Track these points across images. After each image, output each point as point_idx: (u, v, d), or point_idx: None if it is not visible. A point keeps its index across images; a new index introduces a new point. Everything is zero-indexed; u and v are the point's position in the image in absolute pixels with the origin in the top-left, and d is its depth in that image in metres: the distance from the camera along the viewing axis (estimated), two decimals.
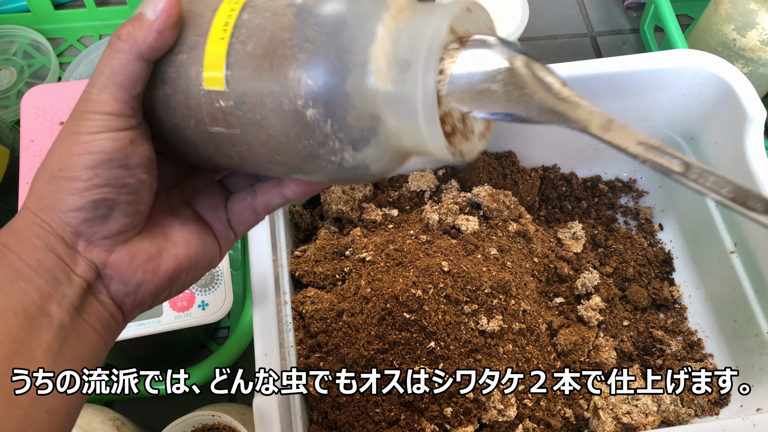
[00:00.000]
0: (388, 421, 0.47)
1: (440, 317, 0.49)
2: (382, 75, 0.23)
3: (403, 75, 0.23)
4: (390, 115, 0.24)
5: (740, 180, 0.58)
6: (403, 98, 0.23)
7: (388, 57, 0.23)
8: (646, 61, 0.57)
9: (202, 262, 0.30)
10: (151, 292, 0.28)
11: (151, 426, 0.56)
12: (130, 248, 0.27)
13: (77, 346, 0.26)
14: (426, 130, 0.23)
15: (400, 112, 0.23)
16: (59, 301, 0.25)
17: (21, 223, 0.26)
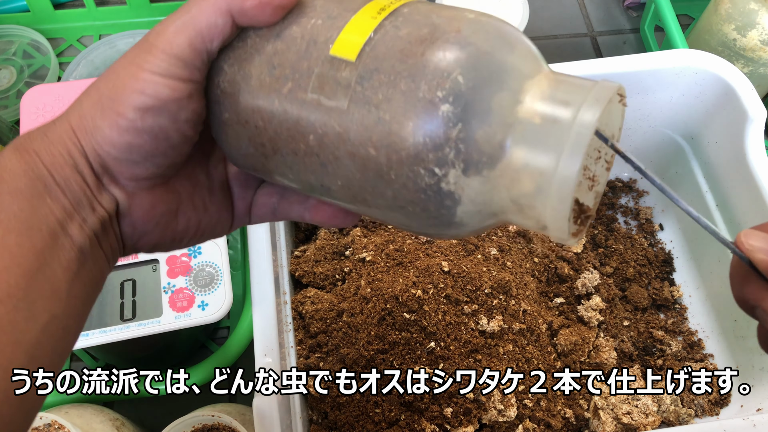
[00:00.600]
0: (388, 422, 0.47)
1: (440, 317, 0.49)
2: (529, 108, 0.23)
3: (557, 111, 0.22)
4: (520, 150, 0.22)
5: (740, 180, 0.58)
6: (551, 131, 0.22)
7: (544, 95, 0.23)
8: (647, 61, 0.57)
9: (209, 233, 0.30)
10: (152, 243, 0.28)
11: (151, 426, 0.56)
12: (152, 197, 0.27)
13: (92, 270, 0.26)
14: (563, 169, 0.21)
15: (539, 147, 0.22)
16: (80, 224, 0.25)
17: (56, 134, 0.25)
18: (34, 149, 0.25)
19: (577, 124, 0.22)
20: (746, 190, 0.54)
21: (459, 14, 0.24)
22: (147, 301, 0.49)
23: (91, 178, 0.25)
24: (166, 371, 0.41)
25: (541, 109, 0.23)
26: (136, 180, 0.26)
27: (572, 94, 0.22)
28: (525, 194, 0.23)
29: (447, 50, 0.23)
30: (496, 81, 0.23)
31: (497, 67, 0.23)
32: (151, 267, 0.51)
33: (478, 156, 0.23)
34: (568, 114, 0.22)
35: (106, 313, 0.49)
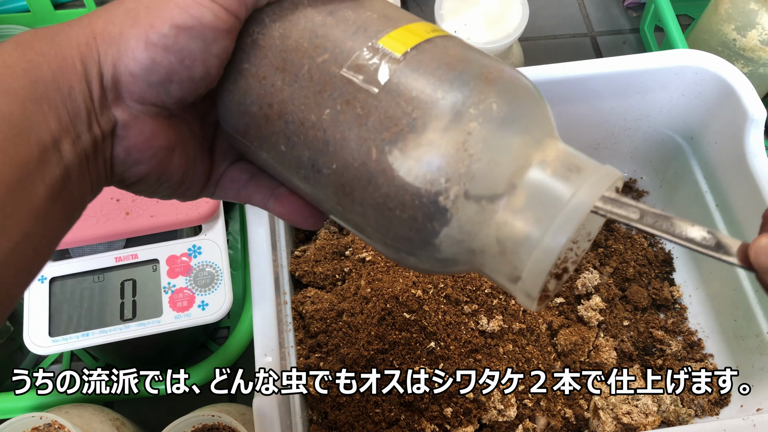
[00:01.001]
0: (388, 422, 0.47)
1: (440, 317, 0.49)
2: (546, 161, 0.24)
3: (569, 175, 0.23)
4: (525, 196, 0.23)
5: (740, 180, 0.58)
6: (559, 190, 0.23)
7: (560, 154, 0.24)
8: (646, 61, 0.57)
9: (184, 190, 0.28)
10: (141, 174, 0.26)
11: (151, 426, 0.56)
12: (154, 126, 0.25)
13: (74, 193, 0.24)
14: (559, 226, 0.22)
15: (544, 199, 0.23)
16: (73, 141, 0.23)
17: (71, 37, 0.23)
18: (41, 49, 0.23)
19: (584, 193, 0.23)
20: (746, 190, 0.54)
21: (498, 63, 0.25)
22: (147, 301, 0.49)
23: (97, 91, 0.24)
24: (166, 371, 0.41)
25: (555, 166, 0.23)
26: (144, 103, 0.24)
27: (584, 164, 0.24)
28: (513, 238, 0.23)
29: (490, 77, 0.24)
30: (524, 124, 0.24)
31: (528, 112, 0.24)
32: (152, 267, 0.51)
33: (485, 183, 0.23)
34: (578, 180, 0.23)
35: (106, 313, 0.49)
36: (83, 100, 0.23)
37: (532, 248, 0.23)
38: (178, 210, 0.51)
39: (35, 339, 0.47)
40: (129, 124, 0.25)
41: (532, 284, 0.23)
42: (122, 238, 0.51)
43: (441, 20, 0.58)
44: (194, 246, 0.51)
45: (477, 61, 0.24)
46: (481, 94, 0.23)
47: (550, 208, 0.23)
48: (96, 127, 0.24)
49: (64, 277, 0.50)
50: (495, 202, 0.23)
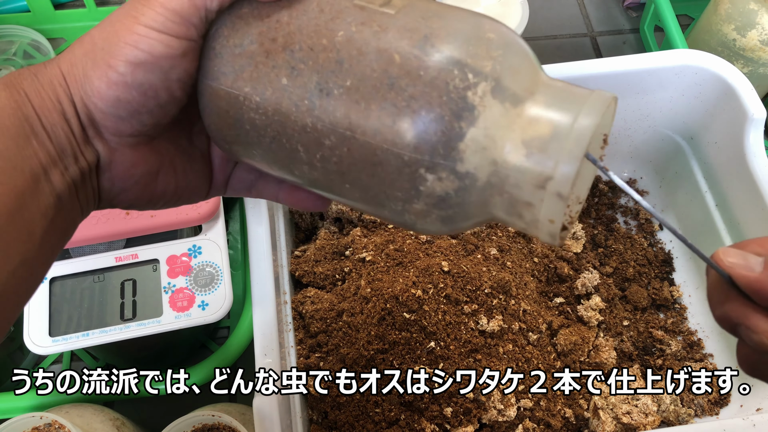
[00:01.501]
0: (388, 421, 0.47)
1: (440, 317, 0.49)
2: (554, 82, 0.24)
3: (576, 89, 0.24)
4: (546, 100, 0.23)
5: (740, 180, 0.58)
6: (575, 95, 0.24)
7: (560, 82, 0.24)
8: (646, 61, 0.57)
9: (185, 198, 0.30)
10: (129, 200, 0.28)
11: (151, 426, 0.56)
12: (134, 155, 0.26)
13: (66, 218, 0.26)
14: (583, 120, 0.23)
15: (564, 101, 0.23)
16: (62, 172, 0.25)
17: (46, 77, 0.25)
18: (24, 89, 0.24)
19: (598, 94, 0.23)
20: (746, 190, 0.54)
21: None
22: (147, 301, 0.49)
23: (77, 127, 0.25)
24: (166, 371, 0.41)
25: (562, 83, 0.24)
26: (120, 136, 0.25)
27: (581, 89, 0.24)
28: (540, 135, 0.23)
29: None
30: (528, 50, 0.25)
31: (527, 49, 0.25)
32: (152, 267, 0.51)
33: (510, 83, 0.23)
34: (586, 92, 0.24)
35: (106, 313, 0.49)
36: (66, 136, 0.25)
37: (564, 136, 0.23)
38: (178, 210, 0.51)
39: (35, 339, 0.47)
40: (110, 156, 0.26)
41: (564, 180, 0.23)
42: (122, 238, 0.51)
43: None
44: (194, 246, 0.51)
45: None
46: (494, 24, 0.24)
47: (572, 103, 0.23)
48: (82, 160, 0.25)
49: (64, 277, 0.50)
50: (518, 106, 0.23)
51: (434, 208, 0.24)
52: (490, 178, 0.24)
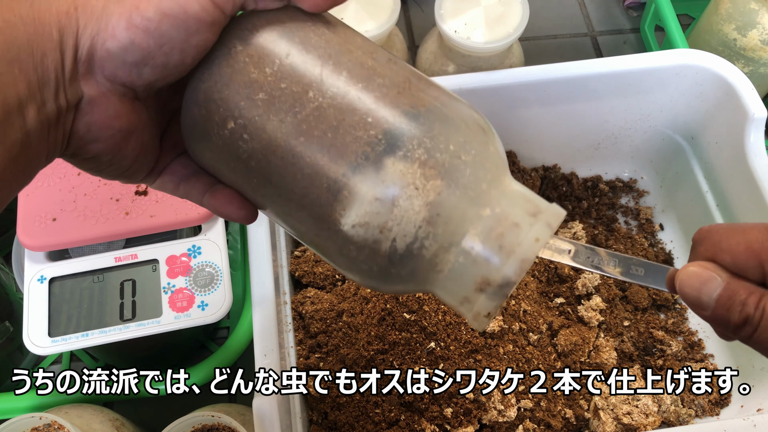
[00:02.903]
0: (388, 422, 0.47)
1: (440, 317, 0.49)
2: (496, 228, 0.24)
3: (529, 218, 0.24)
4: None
5: (740, 180, 0.58)
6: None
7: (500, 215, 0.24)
8: (647, 61, 0.57)
9: (130, 173, 0.28)
10: (95, 152, 0.26)
11: (150, 426, 0.56)
12: (119, 106, 0.25)
13: (30, 161, 0.24)
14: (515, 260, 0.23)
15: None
16: (38, 108, 0.23)
17: (51, 4, 0.23)
18: (19, 11, 0.23)
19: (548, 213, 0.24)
20: (746, 190, 0.54)
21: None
22: (147, 301, 0.49)
23: (70, 62, 0.23)
24: (166, 371, 0.41)
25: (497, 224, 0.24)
26: (114, 81, 0.24)
27: (535, 207, 0.25)
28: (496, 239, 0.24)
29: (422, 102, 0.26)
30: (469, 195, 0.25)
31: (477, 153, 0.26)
32: (151, 267, 0.51)
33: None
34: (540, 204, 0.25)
35: (106, 313, 0.49)
36: (54, 69, 0.23)
37: (515, 245, 0.24)
38: (177, 210, 0.51)
39: (35, 339, 0.47)
40: (95, 100, 0.24)
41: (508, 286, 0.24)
42: (122, 238, 0.51)
43: (441, 20, 0.58)
44: (194, 246, 0.51)
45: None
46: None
47: (526, 215, 0.24)
48: (62, 98, 0.24)
49: (64, 277, 0.50)
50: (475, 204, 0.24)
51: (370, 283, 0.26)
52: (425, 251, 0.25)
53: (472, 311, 0.24)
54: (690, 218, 0.63)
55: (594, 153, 0.65)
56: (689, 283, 0.25)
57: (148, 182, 0.30)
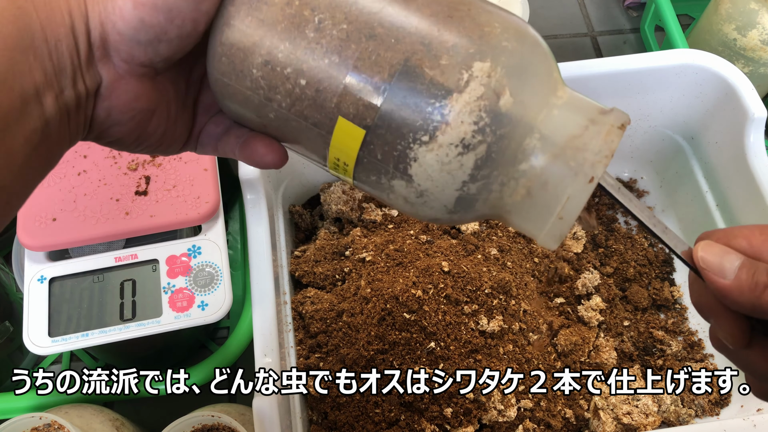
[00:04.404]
0: (388, 422, 0.47)
1: (440, 317, 0.49)
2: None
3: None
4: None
5: (740, 180, 0.58)
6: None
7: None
8: (647, 61, 0.57)
9: (164, 147, 0.28)
10: (118, 136, 0.26)
11: (151, 426, 0.56)
12: (139, 87, 0.25)
13: (52, 147, 0.23)
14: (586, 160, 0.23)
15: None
16: (56, 95, 0.23)
17: None
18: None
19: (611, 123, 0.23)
20: (746, 190, 0.54)
21: None
22: (147, 301, 0.49)
23: (84, 46, 0.23)
24: (166, 371, 0.41)
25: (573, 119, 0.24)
26: (131, 63, 0.24)
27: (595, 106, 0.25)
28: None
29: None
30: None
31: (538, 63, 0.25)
32: (151, 267, 0.51)
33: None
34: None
35: (106, 313, 0.49)
36: (69, 55, 0.23)
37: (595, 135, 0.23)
38: (177, 210, 0.51)
39: (35, 339, 0.47)
40: (113, 84, 0.24)
41: (600, 166, 0.23)
42: (122, 238, 0.51)
43: None
44: (194, 246, 0.51)
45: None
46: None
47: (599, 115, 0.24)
48: (80, 84, 0.23)
49: (64, 277, 0.50)
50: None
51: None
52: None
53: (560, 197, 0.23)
54: (690, 218, 0.63)
55: None
56: (712, 251, 0.25)
57: (189, 149, 0.30)
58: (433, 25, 0.23)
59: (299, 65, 0.24)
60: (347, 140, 0.24)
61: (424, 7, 0.23)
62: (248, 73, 0.24)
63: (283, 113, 0.25)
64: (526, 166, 0.23)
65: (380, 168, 0.24)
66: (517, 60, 0.23)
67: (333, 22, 0.23)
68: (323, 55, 0.23)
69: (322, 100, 0.24)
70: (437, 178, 0.24)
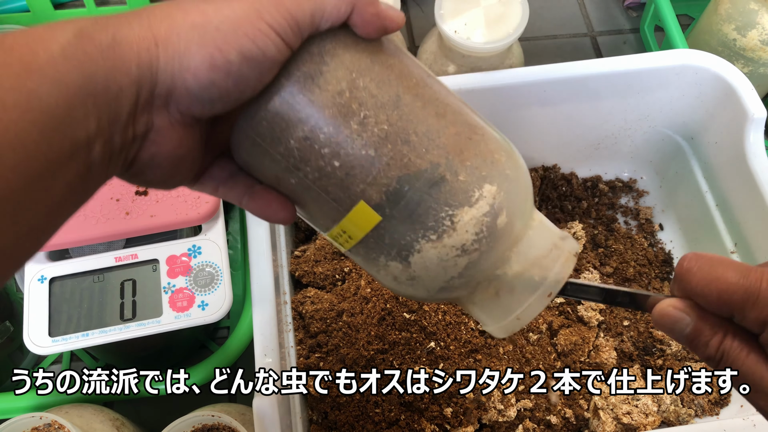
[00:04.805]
0: (388, 422, 0.47)
1: (440, 317, 0.49)
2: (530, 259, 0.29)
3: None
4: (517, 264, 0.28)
5: (740, 180, 0.58)
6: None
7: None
8: (647, 61, 0.57)
9: (177, 182, 0.28)
10: (153, 177, 0.26)
11: (151, 426, 0.56)
12: (183, 134, 0.25)
13: (88, 188, 0.24)
14: (539, 296, 0.28)
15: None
16: (105, 142, 0.23)
17: (136, 35, 0.23)
18: (100, 43, 0.22)
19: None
20: (746, 190, 0.54)
21: None
22: (147, 301, 0.49)
23: (146, 97, 0.23)
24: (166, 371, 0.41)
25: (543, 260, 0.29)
26: (185, 114, 0.25)
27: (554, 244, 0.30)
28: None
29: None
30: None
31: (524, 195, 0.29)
32: (151, 267, 0.51)
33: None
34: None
35: (106, 312, 0.49)
36: (128, 104, 0.23)
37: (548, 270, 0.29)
38: (178, 210, 0.51)
39: (35, 339, 0.47)
40: (163, 130, 0.25)
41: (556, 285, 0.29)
42: (122, 238, 0.51)
43: (441, 20, 0.58)
44: (194, 246, 0.51)
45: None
46: None
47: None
48: (130, 130, 0.24)
49: (64, 277, 0.50)
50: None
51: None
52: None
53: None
54: (690, 218, 0.63)
55: (594, 153, 0.65)
56: (662, 322, 0.28)
57: (187, 186, 0.30)
58: (457, 144, 0.26)
59: (337, 149, 0.26)
60: (361, 221, 0.27)
61: (452, 126, 0.27)
62: (285, 142, 0.26)
63: (306, 183, 0.27)
64: (501, 272, 0.28)
65: (383, 250, 0.28)
66: (514, 187, 0.27)
67: (376, 121, 0.26)
68: (361, 147, 0.26)
69: (349, 183, 0.26)
70: (432, 270, 0.27)
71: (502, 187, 0.27)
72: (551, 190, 0.65)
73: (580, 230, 0.61)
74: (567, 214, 0.65)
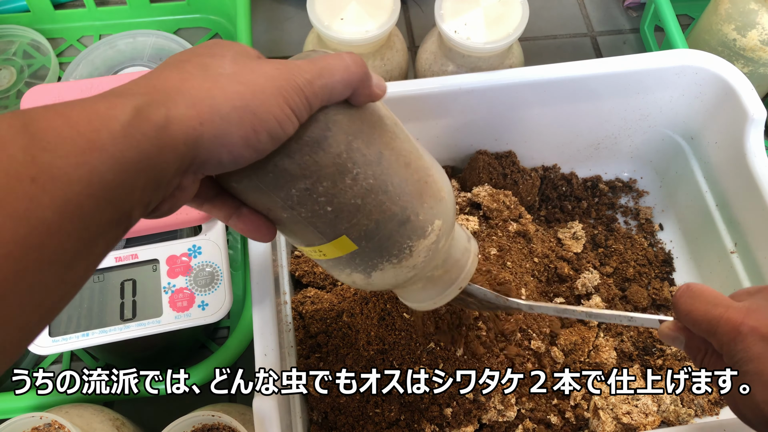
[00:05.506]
0: (388, 422, 0.47)
1: None
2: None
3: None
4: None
5: (740, 180, 0.58)
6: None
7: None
8: (647, 61, 0.57)
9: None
10: (161, 216, 0.29)
11: (151, 426, 0.56)
12: (197, 186, 0.29)
13: (117, 243, 0.26)
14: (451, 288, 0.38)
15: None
16: (144, 207, 0.25)
17: (184, 116, 0.25)
18: (156, 122, 0.24)
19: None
20: (746, 190, 0.54)
21: None
22: (147, 301, 0.49)
23: (185, 167, 0.26)
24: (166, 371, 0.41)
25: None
26: (205, 174, 0.28)
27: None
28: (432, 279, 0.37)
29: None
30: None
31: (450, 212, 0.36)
32: (151, 267, 0.51)
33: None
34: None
35: (106, 313, 0.49)
36: (170, 175, 0.25)
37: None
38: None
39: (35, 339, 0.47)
40: (186, 188, 0.28)
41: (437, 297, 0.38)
42: None
43: (441, 20, 0.58)
44: (194, 246, 0.51)
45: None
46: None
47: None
48: (163, 193, 0.26)
49: None
50: None
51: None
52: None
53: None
54: (690, 218, 0.63)
55: (594, 153, 0.65)
56: (665, 341, 0.38)
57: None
58: (418, 189, 0.33)
59: (331, 198, 0.31)
60: (339, 249, 0.33)
61: (414, 173, 0.33)
62: (286, 189, 0.30)
63: (297, 218, 0.32)
64: (431, 274, 0.36)
65: (351, 266, 0.34)
66: (450, 217, 0.35)
67: (364, 176, 0.31)
68: (352, 197, 0.31)
69: (336, 222, 0.31)
70: (387, 280, 0.35)
71: (445, 219, 0.34)
72: (551, 190, 0.65)
73: (580, 230, 0.62)
74: (567, 214, 0.65)
